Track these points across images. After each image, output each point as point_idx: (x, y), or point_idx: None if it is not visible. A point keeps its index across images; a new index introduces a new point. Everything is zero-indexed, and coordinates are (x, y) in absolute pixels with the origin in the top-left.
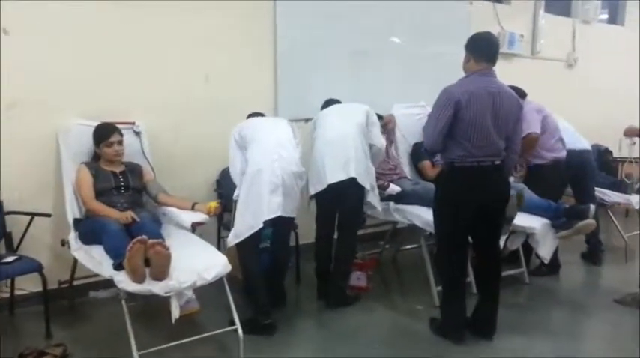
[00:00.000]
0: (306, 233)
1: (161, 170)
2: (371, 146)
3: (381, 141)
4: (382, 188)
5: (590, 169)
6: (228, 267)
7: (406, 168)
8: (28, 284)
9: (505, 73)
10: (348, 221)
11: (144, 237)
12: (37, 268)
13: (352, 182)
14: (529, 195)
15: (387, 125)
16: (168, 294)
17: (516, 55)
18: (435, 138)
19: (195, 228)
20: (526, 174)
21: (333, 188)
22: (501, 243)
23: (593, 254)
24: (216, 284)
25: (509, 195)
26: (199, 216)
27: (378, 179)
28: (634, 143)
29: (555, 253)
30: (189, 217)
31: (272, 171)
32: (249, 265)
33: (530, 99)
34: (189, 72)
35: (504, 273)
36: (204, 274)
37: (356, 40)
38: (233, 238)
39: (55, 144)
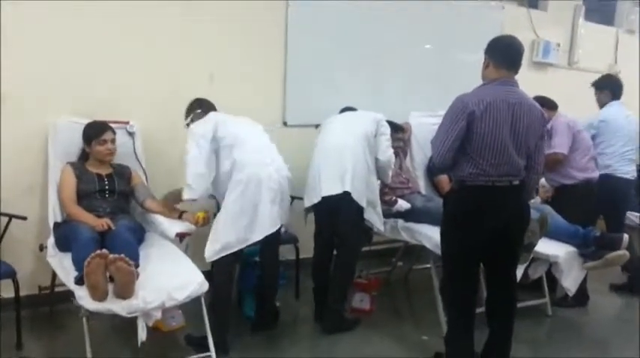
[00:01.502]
0: (308, 246)
1: (155, 172)
2: (377, 159)
3: (386, 155)
4: (389, 203)
5: (629, 199)
6: (205, 286)
7: (422, 182)
8: (8, 290)
9: (539, 82)
10: (345, 238)
11: (104, 251)
12: (10, 274)
13: (348, 196)
14: (555, 218)
15: (404, 134)
16: (132, 315)
17: (552, 65)
18: (443, 153)
19: (181, 238)
20: (553, 195)
21: (328, 201)
22: (521, 271)
23: (629, 283)
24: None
25: (529, 220)
26: (185, 226)
27: (386, 194)
28: None
29: (584, 282)
30: (173, 227)
31: (269, 177)
32: (221, 287)
33: (563, 111)
34: (193, 72)
35: (524, 304)
36: (175, 294)
37: (373, 45)
38: (217, 251)
39: (45, 142)
